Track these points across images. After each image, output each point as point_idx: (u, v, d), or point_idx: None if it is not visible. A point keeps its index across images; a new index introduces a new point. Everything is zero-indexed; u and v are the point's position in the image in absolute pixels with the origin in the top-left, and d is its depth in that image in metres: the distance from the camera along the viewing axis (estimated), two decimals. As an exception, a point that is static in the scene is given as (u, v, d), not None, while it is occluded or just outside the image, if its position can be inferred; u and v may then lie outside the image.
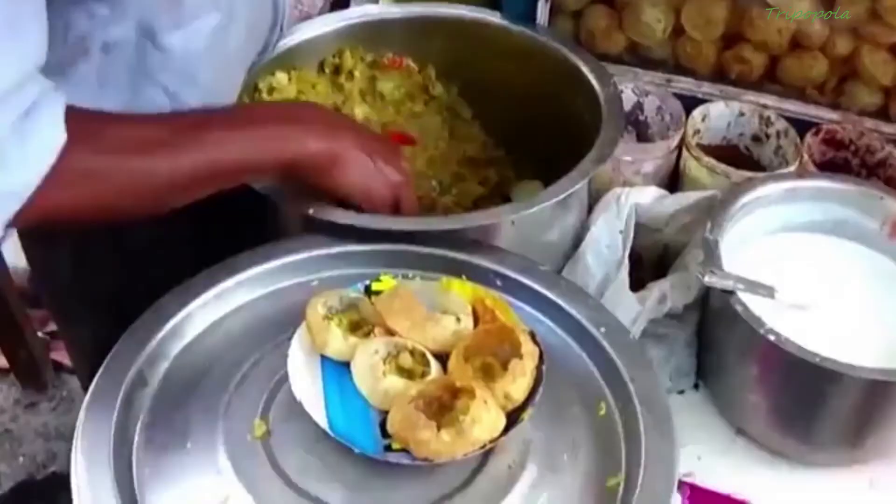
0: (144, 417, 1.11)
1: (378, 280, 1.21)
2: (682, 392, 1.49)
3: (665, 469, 1.07)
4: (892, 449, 1.40)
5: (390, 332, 1.14)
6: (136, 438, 1.09)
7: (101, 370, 1.11)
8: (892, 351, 1.37)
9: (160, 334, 1.17)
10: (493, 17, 1.75)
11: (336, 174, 1.31)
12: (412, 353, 1.11)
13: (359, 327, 1.15)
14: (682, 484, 1.37)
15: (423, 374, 1.10)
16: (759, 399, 1.38)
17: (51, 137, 1.08)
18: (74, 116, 1.11)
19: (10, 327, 2.82)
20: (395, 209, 1.37)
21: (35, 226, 1.15)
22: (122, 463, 1.05)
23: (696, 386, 1.50)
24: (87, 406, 1.08)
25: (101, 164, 1.14)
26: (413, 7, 1.78)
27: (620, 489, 1.07)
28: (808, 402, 1.32)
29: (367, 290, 1.20)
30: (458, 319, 1.14)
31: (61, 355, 2.91)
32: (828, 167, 1.69)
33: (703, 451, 1.42)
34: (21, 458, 2.84)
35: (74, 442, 1.05)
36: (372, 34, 1.74)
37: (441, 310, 1.16)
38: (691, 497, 1.37)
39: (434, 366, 1.11)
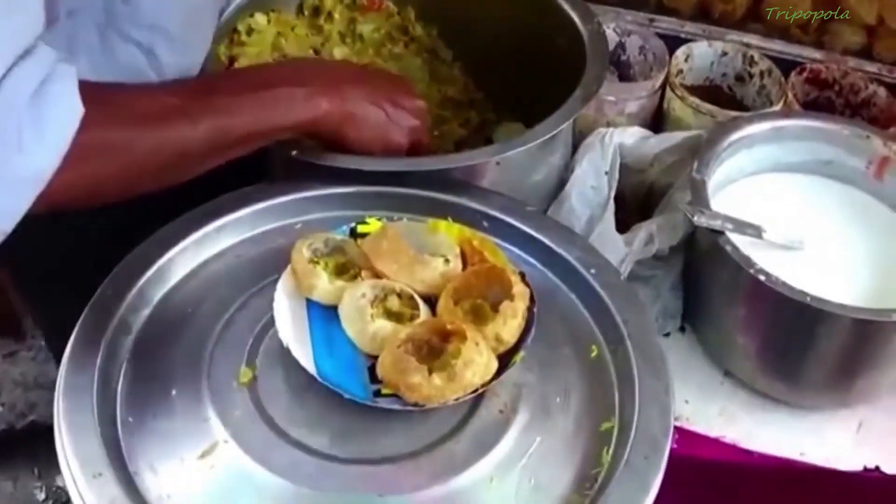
0: (128, 365, 1.08)
1: (364, 222, 1.19)
2: (667, 335, 1.47)
3: (660, 412, 1.05)
4: (880, 392, 1.39)
5: (377, 275, 1.11)
6: (120, 386, 1.07)
7: (82, 317, 1.09)
8: (877, 291, 1.36)
9: (142, 280, 1.14)
10: (472, -44, 1.71)
11: (350, 132, 1.28)
12: (400, 295, 1.09)
13: (345, 270, 1.13)
14: (669, 427, 1.37)
15: (412, 318, 1.07)
16: (747, 340, 1.37)
17: (68, 112, 1.02)
18: (85, 88, 1.04)
19: (-12, 277, 2.79)
20: (413, 152, 1.34)
21: (50, 210, 1.08)
22: (105, 411, 1.02)
23: (682, 329, 1.49)
24: (69, 354, 1.05)
25: (118, 137, 1.09)
26: (392, -53, 1.75)
27: (615, 432, 1.05)
28: (798, 343, 1.31)
29: (353, 233, 1.18)
30: (447, 261, 1.12)
31: (42, 305, 2.89)
32: (811, 107, 1.68)
33: (691, 394, 1.42)
34: (0, 408, 2.82)
35: (57, 390, 1.02)
36: None
37: (429, 251, 1.13)
38: (679, 441, 1.36)
39: (423, 309, 1.08)
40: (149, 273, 1.14)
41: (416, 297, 1.09)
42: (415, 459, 1.01)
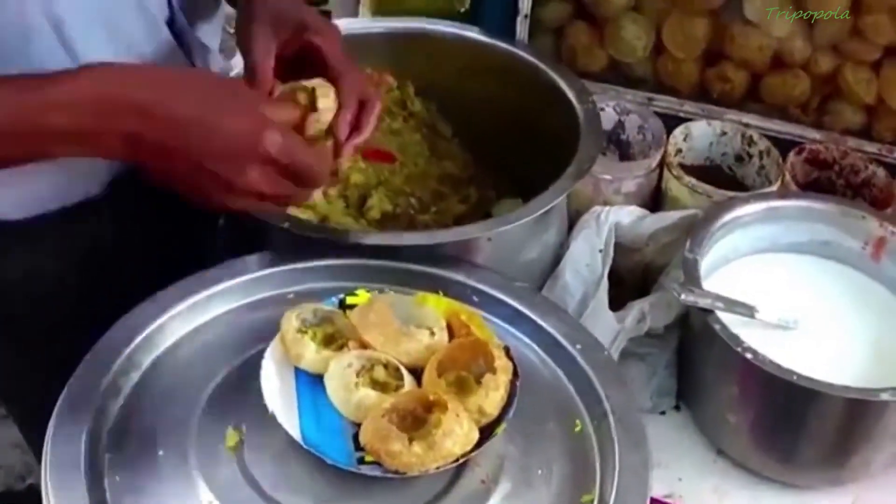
0: (116, 426, 1.14)
1: (353, 294, 1.25)
2: (663, 413, 1.52)
3: (638, 486, 1.10)
4: (873, 470, 1.42)
5: (364, 346, 1.17)
6: (108, 447, 1.11)
7: (71, 379, 1.14)
8: (873, 371, 1.40)
9: (133, 344, 1.19)
10: (473, 33, 1.79)
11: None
12: (386, 366, 1.15)
13: (333, 341, 1.18)
14: (663, 505, 1.41)
15: (397, 388, 1.13)
16: (738, 419, 1.41)
17: None
18: None
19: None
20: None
21: None
22: (93, 472, 1.07)
23: (677, 407, 1.53)
24: (57, 415, 1.10)
25: None
26: (393, 22, 1.82)
27: (594, 504, 1.10)
28: (788, 422, 1.35)
29: (342, 304, 1.23)
30: (433, 333, 1.18)
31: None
32: (812, 187, 1.73)
33: (685, 472, 1.46)
34: (-1, 471, 2.87)
35: (45, 451, 1.07)
36: (351, 49, 1.73)
37: (416, 324, 1.19)
38: None
39: (408, 379, 1.14)
40: (140, 338, 1.19)
41: (402, 368, 1.14)
42: (396, 526, 1.06)
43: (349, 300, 1.24)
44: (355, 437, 1.10)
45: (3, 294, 1.43)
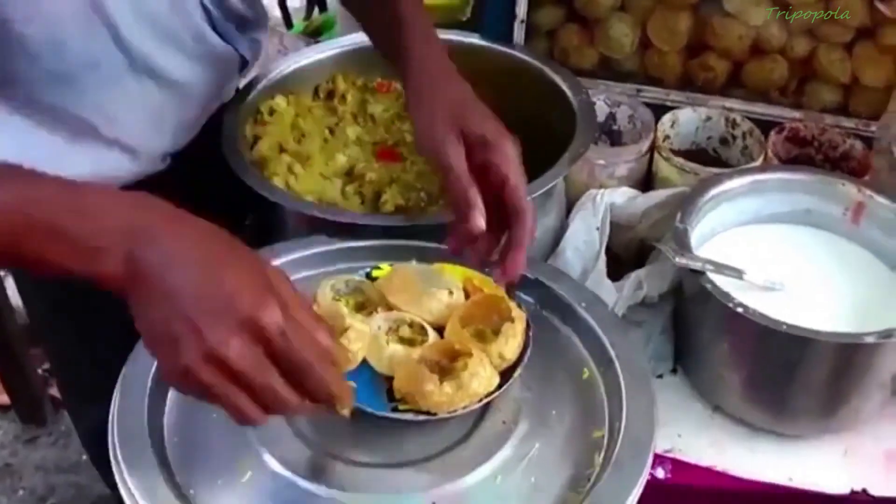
0: (175, 396, 1.26)
1: (378, 268, 1.38)
2: (660, 376, 1.61)
3: (645, 420, 1.22)
4: (864, 417, 1.51)
5: (391, 309, 1.30)
6: (167, 410, 1.24)
7: (132, 355, 1.25)
8: (859, 325, 1.47)
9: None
10: (474, 39, 1.92)
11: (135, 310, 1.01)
12: (411, 325, 1.28)
13: (363, 307, 1.31)
14: (663, 459, 1.51)
15: (422, 343, 1.26)
16: (732, 374, 1.50)
17: None
18: None
19: (13, 365, 2.96)
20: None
21: None
22: (155, 432, 1.20)
23: (674, 371, 1.63)
24: (120, 391, 1.22)
25: None
26: (401, 34, 1.93)
27: (605, 439, 1.23)
28: (778, 373, 1.44)
29: (368, 277, 1.37)
30: (451, 293, 1.31)
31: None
32: (793, 163, 1.82)
33: (683, 428, 1.54)
34: (21, 492, 2.95)
35: (111, 423, 1.18)
36: (362, 60, 1.90)
37: (435, 286, 1.32)
38: (673, 470, 1.50)
39: (431, 335, 1.27)
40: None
41: (426, 325, 1.27)
42: (428, 462, 1.19)
43: (375, 273, 1.37)
44: (389, 391, 1.22)
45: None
